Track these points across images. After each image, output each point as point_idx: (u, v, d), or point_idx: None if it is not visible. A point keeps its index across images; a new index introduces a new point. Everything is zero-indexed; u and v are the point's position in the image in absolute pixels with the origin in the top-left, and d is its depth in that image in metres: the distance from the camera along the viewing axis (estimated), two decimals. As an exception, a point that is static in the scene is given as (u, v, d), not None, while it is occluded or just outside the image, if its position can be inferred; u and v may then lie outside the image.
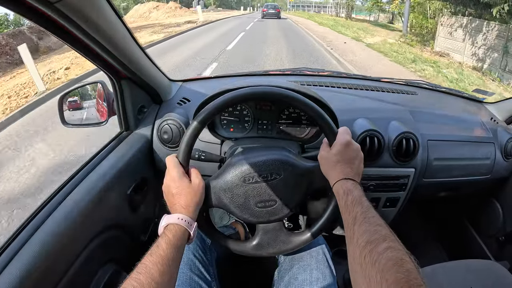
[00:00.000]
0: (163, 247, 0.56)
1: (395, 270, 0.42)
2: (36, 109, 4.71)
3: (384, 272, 0.43)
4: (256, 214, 0.72)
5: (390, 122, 1.01)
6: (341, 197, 0.61)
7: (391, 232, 0.50)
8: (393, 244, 0.47)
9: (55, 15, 0.53)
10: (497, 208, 1.30)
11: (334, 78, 1.37)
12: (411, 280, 0.41)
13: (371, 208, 0.56)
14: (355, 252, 0.50)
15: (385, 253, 0.45)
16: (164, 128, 0.96)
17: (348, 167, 0.66)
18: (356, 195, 0.59)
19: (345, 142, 0.68)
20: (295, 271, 0.79)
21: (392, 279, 0.41)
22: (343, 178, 0.64)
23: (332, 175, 0.66)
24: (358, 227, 0.52)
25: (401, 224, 1.03)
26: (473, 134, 1.14)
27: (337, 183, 0.64)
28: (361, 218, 0.54)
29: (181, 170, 0.66)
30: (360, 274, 0.47)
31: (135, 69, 0.84)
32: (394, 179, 1.01)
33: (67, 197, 0.71)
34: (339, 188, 0.63)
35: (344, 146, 0.67)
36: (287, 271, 0.81)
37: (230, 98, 0.68)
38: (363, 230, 0.51)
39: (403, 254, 0.45)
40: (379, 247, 0.47)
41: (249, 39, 11.30)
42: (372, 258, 0.46)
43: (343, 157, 0.66)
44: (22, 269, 0.56)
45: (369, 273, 0.45)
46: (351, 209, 0.57)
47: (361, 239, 0.50)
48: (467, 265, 0.94)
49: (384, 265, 0.44)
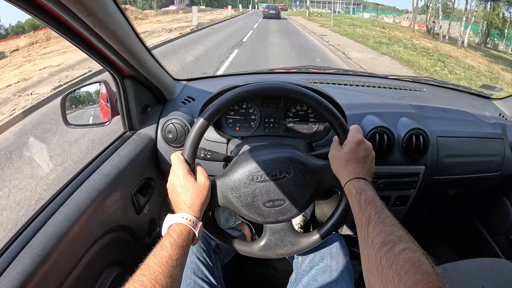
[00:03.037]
0: (167, 247, 0.54)
1: (413, 271, 0.40)
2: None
3: (401, 274, 0.41)
4: (264, 213, 0.70)
5: (399, 118, 1.00)
6: (353, 197, 0.59)
7: (407, 233, 0.48)
8: (409, 245, 0.45)
9: (56, 8, 0.51)
10: (507, 205, 1.28)
11: (340, 75, 1.36)
12: (430, 282, 0.39)
13: (385, 208, 0.54)
14: (370, 253, 0.48)
15: (402, 254, 0.43)
16: (168, 127, 0.94)
17: (359, 166, 0.64)
18: (370, 194, 0.57)
19: (357, 141, 0.66)
20: (315, 273, 0.76)
21: (410, 281, 0.40)
22: (355, 177, 0.62)
23: (343, 174, 0.65)
24: (372, 228, 0.51)
25: (411, 223, 1.01)
26: (482, 130, 1.13)
27: (349, 182, 0.62)
28: (375, 219, 0.52)
29: (187, 168, 0.64)
30: (376, 276, 0.45)
31: (139, 67, 0.83)
32: (404, 177, 0.99)
33: (68, 198, 0.69)
34: (351, 187, 0.61)
35: (356, 145, 0.66)
36: (306, 272, 0.78)
37: (237, 94, 0.66)
38: (378, 231, 0.49)
39: (421, 255, 0.43)
40: (395, 248, 0.45)
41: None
42: (388, 260, 0.44)
43: (355, 156, 0.65)
44: (22, 272, 0.54)
45: (386, 276, 0.43)
46: (364, 209, 0.55)
47: (376, 240, 0.48)
48: (478, 264, 0.92)
49: (401, 267, 0.42)
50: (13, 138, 3.80)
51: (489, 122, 1.16)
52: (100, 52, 0.71)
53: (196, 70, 6.63)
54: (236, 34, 13.09)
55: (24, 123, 4.25)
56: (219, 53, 8.42)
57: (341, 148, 0.68)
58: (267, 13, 25.67)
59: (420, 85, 1.32)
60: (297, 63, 7.13)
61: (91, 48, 0.69)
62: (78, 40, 0.64)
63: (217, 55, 8.17)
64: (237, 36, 12.37)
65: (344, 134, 0.68)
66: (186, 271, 0.76)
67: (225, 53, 8.40)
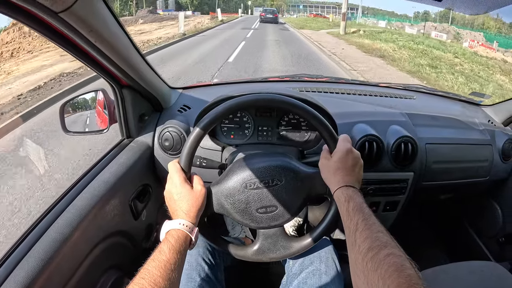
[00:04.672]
0: (165, 252, 0.57)
1: (397, 275, 0.44)
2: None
3: (385, 278, 0.44)
4: (257, 219, 0.72)
5: (389, 126, 1.02)
6: (342, 204, 0.62)
7: (392, 239, 0.52)
8: (394, 251, 0.48)
9: (59, 25, 0.54)
10: (496, 209, 1.31)
11: (332, 83, 1.39)
12: (413, 285, 0.42)
13: (372, 215, 0.58)
14: (357, 258, 0.51)
15: (387, 259, 0.47)
16: (165, 135, 0.96)
17: (348, 175, 0.67)
18: (357, 202, 0.61)
19: (346, 150, 0.69)
20: (305, 276, 0.79)
21: (394, 284, 0.43)
22: (344, 185, 0.65)
23: (333, 182, 0.68)
24: (359, 234, 0.54)
25: (401, 227, 1.04)
26: (471, 137, 1.16)
27: (338, 190, 0.65)
28: (362, 225, 0.55)
29: (183, 176, 0.67)
30: (363, 280, 0.48)
31: (137, 77, 0.85)
32: (394, 183, 1.02)
33: (69, 204, 0.72)
34: (340, 195, 0.64)
35: (345, 154, 0.69)
36: (296, 275, 0.81)
37: (232, 105, 0.69)
38: (365, 237, 0.53)
39: (404, 260, 0.46)
40: (381, 253, 0.48)
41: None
42: (374, 264, 0.47)
43: (344, 164, 0.68)
44: (26, 276, 0.56)
45: (371, 279, 0.46)
46: (352, 216, 0.58)
47: (362, 246, 0.51)
48: (468, 267, 0.94)
49: (386, 271, 0.45)
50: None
51: (478, 128, 1.19)
52: (99, 64, 0.73)
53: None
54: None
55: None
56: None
57: (330, 157, 0.70)
58: (264, 17, 25.44)
59: (411, 93, 1.35)
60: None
61: (91, 60, 0.71)
62: (79, 52, 0.66)
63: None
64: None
65: (334, 143, 0.71)
66: (191, 272, 0.79)
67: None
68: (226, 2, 50.91)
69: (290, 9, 67.33)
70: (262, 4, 66.44)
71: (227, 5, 51.34)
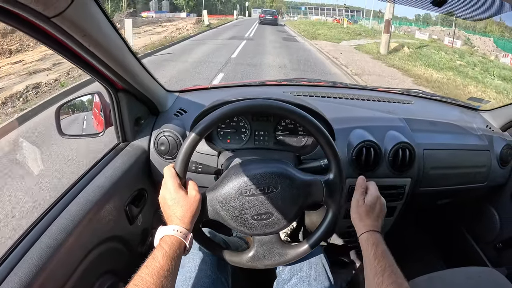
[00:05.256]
0: (159, 259, 0.57)
1: None
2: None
3: None
4: (252, 226, 0.72)
5: (387, 132, 1.02)
6: (370, 246, 0.68)
7: None
8: None
9: (53, 30, 0.53)
10: (494, 215, 1.31)
11: (330, 88, 1.39)
12: None
13: (395, 262, 0.65)
14: None
15: None
16: (161, 139, 0.96)
17: (376, 220, 0.74)
18: (384, 248, 0.68)
19: (377, 196, 0.77)
20: (294, 282, 0.79)
21: None
22: (372, 230, 0.72)
23: (361, 224, 0.74)
24: (387, 277, 0.61)
25: (398, 233, 1.04)
26: (469, 142, 1.15)
27: (366, 233, 0.72)
28: (389, 270, 0.63)
29: (178, 182, 0.67)
30: None
31: (132, 81, 0.85)
32: (391, 189, 1.01)
33: (63, 210, 0.71)
34: (369, 238, 0.70)
35: (375, 200, 0.76)
36: (286, 282, 0.81)
37: (228, 111, 0.69)
38: (391, 281, 0.61)
39: None
40: None
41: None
42: None
43: (374, 209, 0.75)
44: (19, 282, 0.55)
45: None
46: (380, 259, 0.65)
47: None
48: (465, 273, 0.94)
49: None
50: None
51: (476, 134, 1.18)
52: (93, 67, 0.73)
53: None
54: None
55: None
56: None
57: (363, 199, 0.77)
58: (264, 19, 25.36)
59: (409, 98, 1.35)
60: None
61: (85, 64, 0.71)
62: (73, 56, 0.66)
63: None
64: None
65: (329, 148, 0.71)
66: (213, 267, 0.81)
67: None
68: (224, 4, 47.75)
69: (289, 11, 67.09)
70: (261, 5, 66.06)
71: (225, 6, 48.69)
